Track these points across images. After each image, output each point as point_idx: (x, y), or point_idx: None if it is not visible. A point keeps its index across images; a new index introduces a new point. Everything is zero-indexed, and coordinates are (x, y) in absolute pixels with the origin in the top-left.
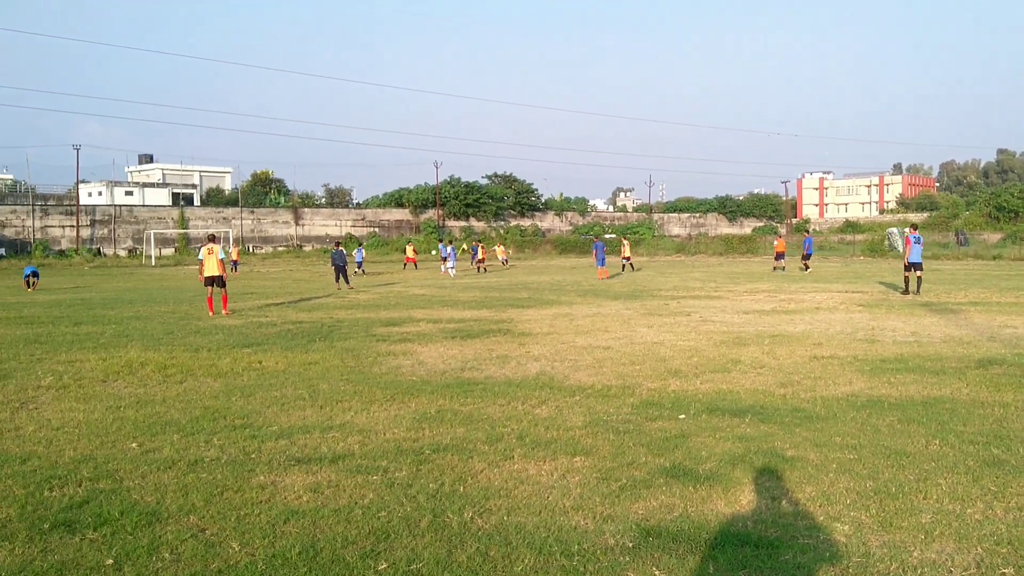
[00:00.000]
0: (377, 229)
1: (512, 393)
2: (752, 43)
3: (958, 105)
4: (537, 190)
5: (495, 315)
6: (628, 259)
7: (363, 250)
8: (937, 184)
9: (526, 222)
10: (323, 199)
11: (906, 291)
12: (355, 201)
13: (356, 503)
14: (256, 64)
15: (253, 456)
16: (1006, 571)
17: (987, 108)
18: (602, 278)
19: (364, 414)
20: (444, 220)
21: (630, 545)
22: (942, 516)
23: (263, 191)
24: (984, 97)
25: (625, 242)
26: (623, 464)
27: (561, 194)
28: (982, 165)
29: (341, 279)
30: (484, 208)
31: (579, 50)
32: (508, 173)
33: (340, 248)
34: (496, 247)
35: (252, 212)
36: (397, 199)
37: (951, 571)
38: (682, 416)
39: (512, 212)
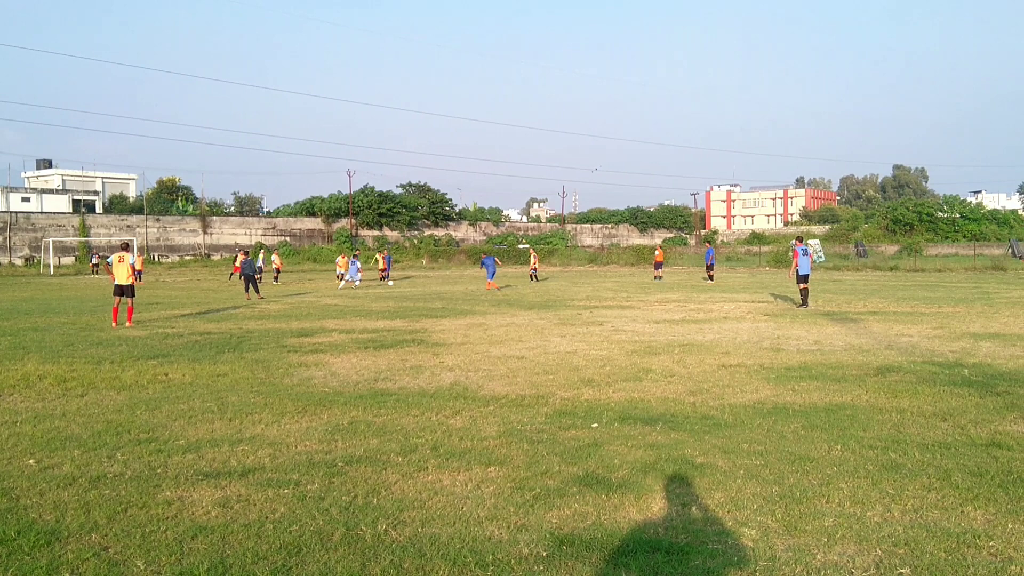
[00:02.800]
0: (288, 238)
1: (426, 404)
2: (661, 58)
3: (857, 122)
4: (451, 200)
5: (409, 325)
6: (535, 270)
7: (276, 258)
8: (838, 198)
9: (440, 232)
10: (232, 207)
11: (803, 303)
12: (266, 210)
13: (267, 517)
14: (162, 68)
15: (159, 471)
16: (903, 571)
17: (884, 125)
18: (489, 289)
19: (275, 426)
20: (357, 229)
21: (544, 554)
22: (844, 519)
23: (169, 199)
24: (881, 114)
25: (533, 254)
26: (537, 473)
27: (475, 204)
28: (880, 180)
29: (251, 289)
30: (398, 217)
31: (494, 61)
32: (422, 183)
33: (248, 258)
34: (378, 255)
35: (158, 220)
36: (309, 208)
37: (852, 572)
38: (595, 425)
39: (426, 222)
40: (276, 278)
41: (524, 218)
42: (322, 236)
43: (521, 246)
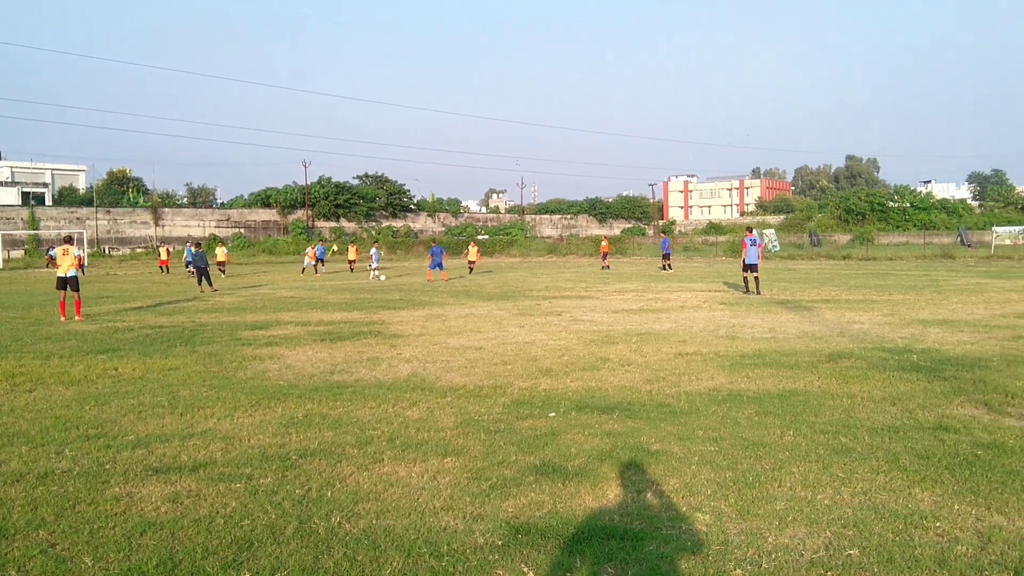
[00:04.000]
0: (243, 230)
1: (383, 395)
2: (619, 49)
3: (811, 113)
4: (409, 191)
5: (366, 317)
6: (472, 263)
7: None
8: (792, 188)
9: (398, 223)
10: (185, 199)
11: (747, 291)
12: (219, 201)
13: (218, 512)
14: (112, 58)
15: (107, 467)
16: (852, 552)
17: (837, 116)
18: (431, 280)
19: (227, 420)
20: (313, 221)
21: (499, 543)
22: (795, 503)
23: (120, 190)
24: (834, 106)
25: (473, 247)
26: (494, 463)
27: (433, 195)
28: (833, 170)
29: (204, 282)
30: (355, 209)
31: (452, 50)
32: (380, 173)
33: (201, 249)
34: (308, 249)
35: (108, 212)
36: (264, 199)
37: (802, 554)
38: (552, 414)
39: (384, 213)
40: (223, 271)
41: (483, 209)
42: (278, 228)
43: (482, 237)
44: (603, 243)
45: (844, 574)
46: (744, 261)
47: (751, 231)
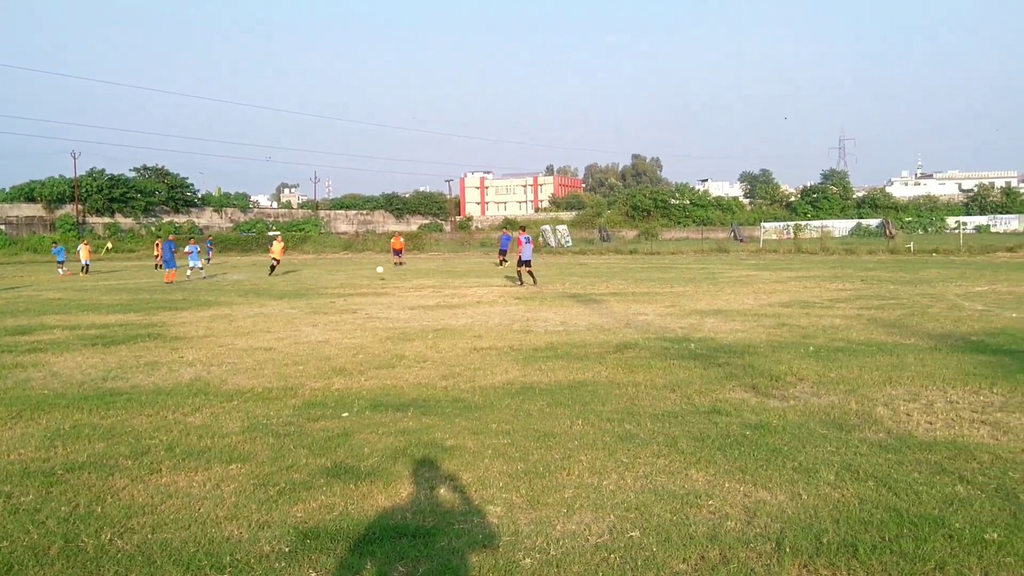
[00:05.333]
0: (4, 226)
1: (162, 402)
2: (416, 43)
3: (600, 113)
4: (193, 185)
5: (144, 319)
6: (277, 261)
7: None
8: (583, 185)
9: (181, 218)
10: None
11: (521, 283)
12: None
13: None
14: None
15: None
16: (633, 534)
17: (623, 117)
18: (169, 281)
19: None
20: (84, 216)
21: (286, 550)
22: (582, 490)
23: None
24: (621, 107)
25: (278, 242)
26: (283, 468)
27: (219, 189)
28: (620, 168)
29: None
30: (132, 203)
31: (240, 38)
32: (160, 166)
33: None
34: (81, 246)
35: None
36: (28, 193)
37: (588, 539)
38: (345, 414)
39: (165, 208)
40: None
41: (275, 204)
42: (43, 224)
43: (272, 233)
44: (393, 239)
45: (626, 555)
46: (520, 258)
47: (524, 230)
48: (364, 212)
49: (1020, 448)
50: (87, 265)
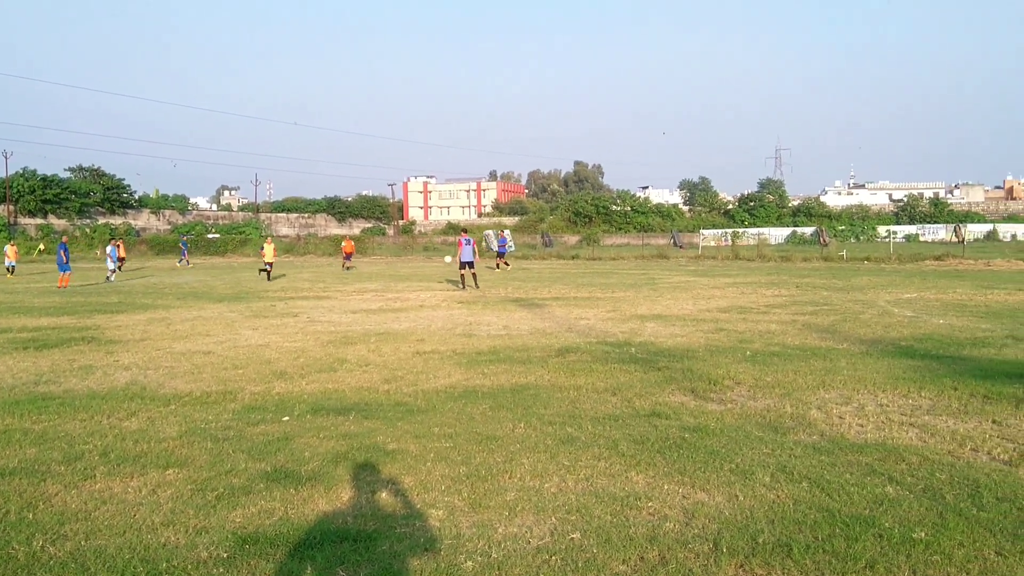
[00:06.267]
0: None
1: (96, 407)
2: (356, 48)
3: (542, 119)
4: (130, 186)
5: (78, 322)
6: (270, 265)
7: None
8: (526, 191)
9: (117, 220)
10: None
11: (463, 287)
12: None
13: None
14: None
15: None
16: (574, 536)
17: (566, 123)
18: (61, 286)
19: None
20: (16, 217)
21: (225, 556)
22: (524, 493)
23: None
24: (563, 113)
25: (269, 243)
26: (221, 472)
27: (157, 190)
28: (562, 174)
29: None
30: (66, 204)
31: (179, 38)
32: (96, 166)
33: None
34: (8, 247)
35: None
36: None
37: (530, 541)
38: (286, 418)
39: (101, 209)
40: None
41: (214, 206)
42: None
43: (212, 235)
44: (344, 243)
45: (567, 557)
46: (460, 259)
47: (465, 232)
48: (306, 215)
49: (946, 450)
50: (13, 266)
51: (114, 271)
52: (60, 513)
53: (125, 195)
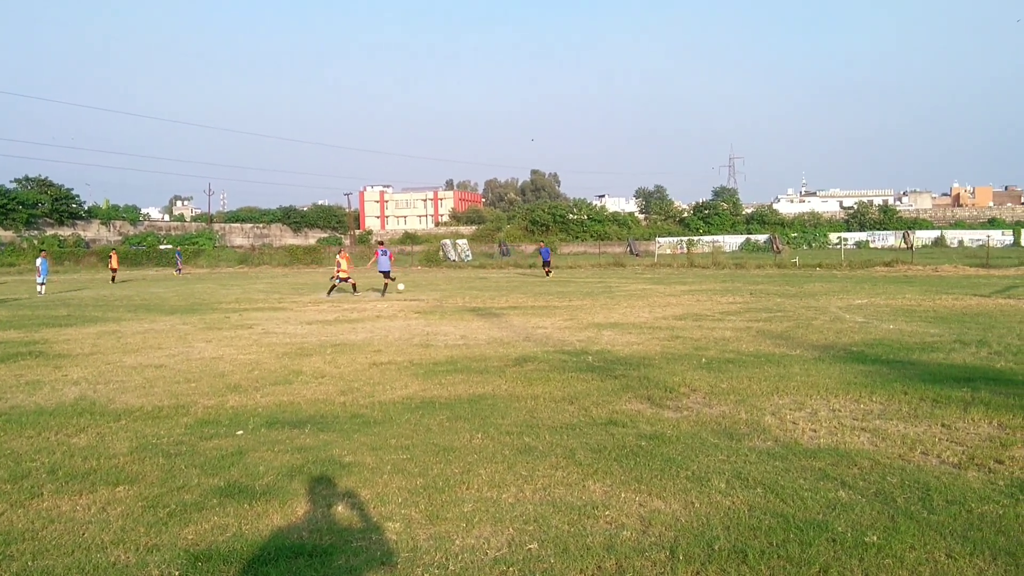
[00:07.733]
0: None
1: (44, 423)
2: (314, 56)
3: (500, 127)
4: (79, 196)
5: (25, 336)
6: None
7: None
8: (483, 200)
9: (66, 231)
10: None
11: (384, 294)
12: None
13: None
14: None
15: None
16: (532, 546)
17: (523, 132)
18: None
19: None
20: None
21: (176, 574)
22: (482, 503)
23: None
24: (521, 121)
25: (343, 256)
26: (173, 489)
27: (108, 201)
28: (520, 183)
29: None
30: (13, 215)
31: (130, 45)
32: (43, 177)
33: None
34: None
35: None
36: None
37: (487, 553)
38: (240, 432)
39: (49, 220)
40: None
41: (167, 217)
42: None
43: (164, 247)
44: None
45: (524, 568)
46: (379, 269)
47: (382, 244)
48: (261, 225)
49: (897, 454)
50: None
51: (43, 284)
52: (6, 533)
53: (74, 205)
